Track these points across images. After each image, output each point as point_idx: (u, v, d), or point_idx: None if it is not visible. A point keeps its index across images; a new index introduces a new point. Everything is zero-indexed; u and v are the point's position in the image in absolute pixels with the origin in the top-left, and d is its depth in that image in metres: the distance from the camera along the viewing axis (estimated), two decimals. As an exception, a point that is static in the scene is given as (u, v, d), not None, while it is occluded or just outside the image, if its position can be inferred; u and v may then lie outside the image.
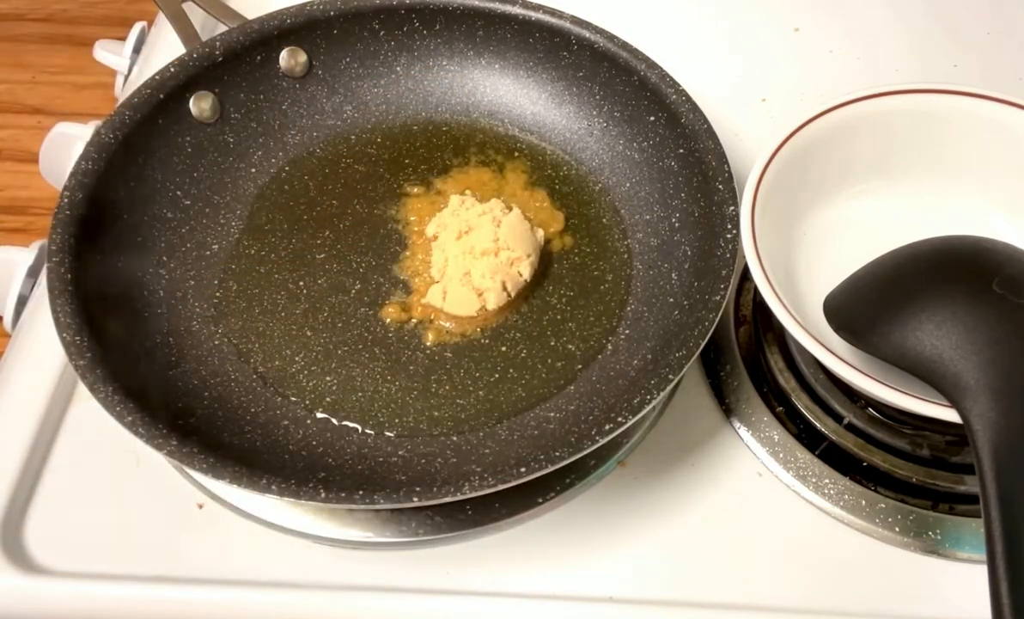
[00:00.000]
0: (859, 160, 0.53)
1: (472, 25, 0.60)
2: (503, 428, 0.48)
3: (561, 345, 0.51)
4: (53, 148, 0.63)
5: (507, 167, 0.59)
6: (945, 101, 0.52)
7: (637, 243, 0.55)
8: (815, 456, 0.48)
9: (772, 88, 0.65)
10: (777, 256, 0.49)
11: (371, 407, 0.49)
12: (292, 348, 0.51)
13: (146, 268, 0.52)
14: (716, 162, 0.51)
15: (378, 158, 0.59)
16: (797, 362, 0.50)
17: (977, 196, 0.53)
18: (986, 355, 0.41)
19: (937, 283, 0.45)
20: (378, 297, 0.53)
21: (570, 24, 0.58)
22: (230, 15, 0.60)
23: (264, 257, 0.55)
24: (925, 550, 0.46)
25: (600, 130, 0.58)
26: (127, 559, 0.46)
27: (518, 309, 0.52)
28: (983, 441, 0.39)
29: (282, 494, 0.40)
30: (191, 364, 0.49)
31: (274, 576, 0.45)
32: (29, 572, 0.45)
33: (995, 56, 0.67)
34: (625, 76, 0.57)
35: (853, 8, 0.71)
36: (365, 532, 0.46)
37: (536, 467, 0.41)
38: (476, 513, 0.46)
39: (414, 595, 0.45)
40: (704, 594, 0.45)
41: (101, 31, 0.81)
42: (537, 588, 0.45)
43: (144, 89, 0.54)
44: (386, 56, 0.61)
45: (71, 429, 0.50)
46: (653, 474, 0.48)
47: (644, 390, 0.43)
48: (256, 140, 0.58)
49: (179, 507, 0.47)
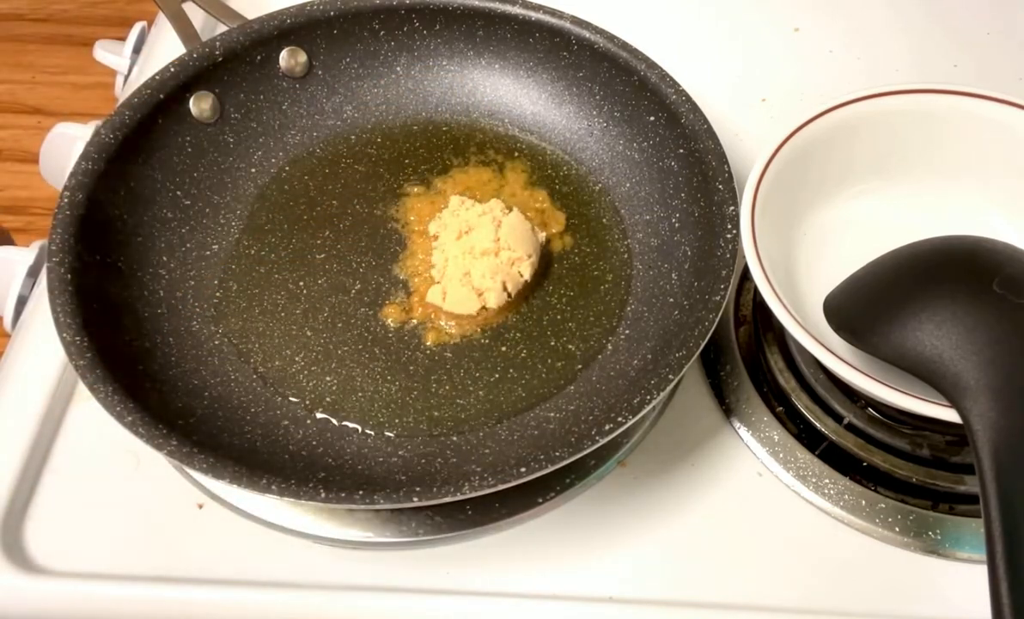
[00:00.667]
0: (859, 160, 0.53)
1: (472, 25, 0.60)
2: (503, 428, 0.48)
3: (561, 345, 0.51)
4: (53, 148, 0.63)
5: (507, 167, 0.59)
6: (945, 101, 0.52)
7: (637, 243, 0.55)
8: (815, 456, 0.48)
9: (772, 88, 0.65)
10: (777, 256, 0.49)
11: (371, 407, 0.49)
12: (292, 348, 0.51)
13: (146, 268, 0.52)
14: (716, 162, 0.51)
15: (378, 158, 0.59)
16: (797, 362, 0.50)
17: (977, 196, 0.53)
18: (986, 355, 0.41)
19: (937, 283, 0.45)
20: (378, 297, 0.53)
21: (570, 24, 0.58)
22: (230, 15, 0.60)
23: (264, 257, 0.55)
24: (925, 550, 0.46)
25: (600, 130, 0.58)
26: (127, 559, 0.46)
27: (518, 309, 0.52)
28: (983, 441, 0.39)
29: (282, 494, 0.40)
30: (191, 364, 0.49)
31: (274, 576, 0.45)
32: (29, 572, 0.45)
33: (995, 56, 0.67)
34: (625, 76, 0.57)
35: (853, 8, 0.71)
36: (365, 532, 0.46)
37: (536, 467, 0.41)
38: (476, 513, 0.46)
39: (414, 595, 0.45)
40: (704, 594, 0.45)
41: (101, 31, 0.81)
42: (537, 588, 0.45)
43: (144, 89, 0.54)
44: (386, 56, 0.61)
45: (71, 429, 0.50)
46: (653, 474, 0.48)
47: (644, 390, 0.43)
48: (256, 140, 0.58)
49: (179, 507, 0.47)
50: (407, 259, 0.55)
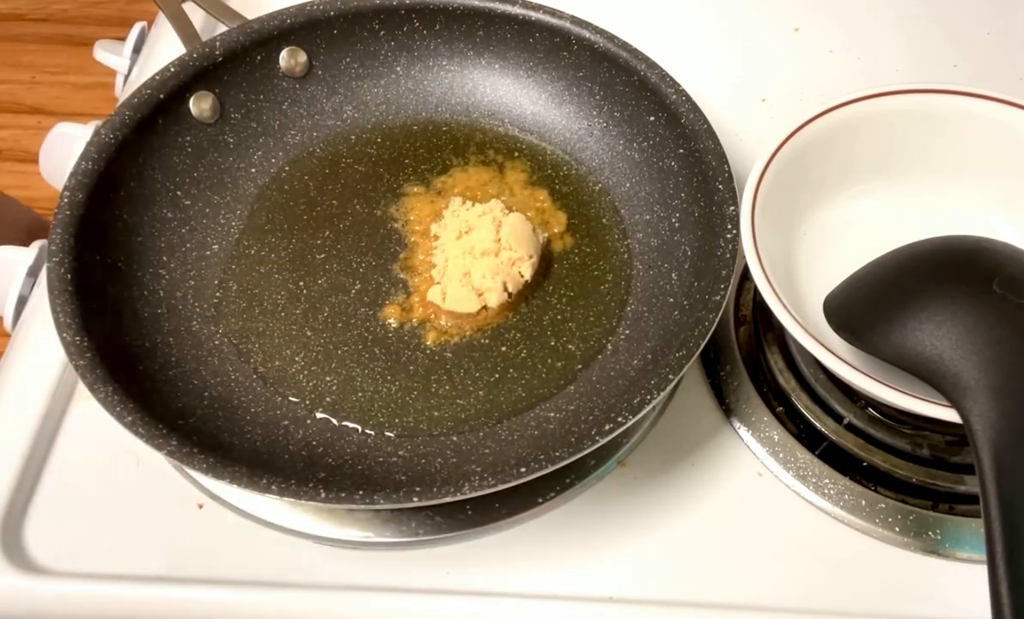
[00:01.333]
0: (859, 160, 0.53)
1: (472, 25, 0.60)
2: (503, 428, 0.48)
3: (561, 345, 0.51)
4: (53, 148, 0.63)
5: (507, 167, 0.59)
6: (945, 101, 0.52)
7: (637, 243, 0.55)
8: (815, 456, 0.48)
9: (772, 88, 0.66)
10: (777, 256, 0.49)
11: (371, 407, 0.49)
12: (292, 348, 0.51)
13: (146, 268, 0.52)
14: (716, 162, 0.51)
15: (378, 158, 0.59)
16: (797, 362, 0.50)
17: (977, 196, 0.53)
18: (986, 355, 0.41)
19: (937, 283, 0.45)
20: (378, 297, 0.53)
21: (570, 24, 0.58)
22: (230, 15, 0.60)
23: (264, 257, 0.55)
24: (925, 550, 0.46)
25: (600, 130, 0.58)
26: (127, 559, 0.46)
27: (518, 309, 0.52)
28: (983, 441, 0.39)
29: (282, 494, 0.40)
30: (191, 364, 0.49)
31: (274, 576, 0.45)
32: (29, 572, 0.45)
33: (995, 56, 0.67)
34: (625, 76, 0.57)
35: (853, 8, 0.71)
36: (365, 532, 0.46)
37: (536, 467, 0.41)
38: (476, 513, 0.46)
39: (414, 595, 0.45)
40: (704, 594, 0.45)
41: (101, 31, 0.81)
42: (537, 588, 0.45)
43: (144, 89, 0.54)
44: (386, 56, 0.61)
45: (71, 429, 0.50)
46: (653, 474, 0.48)
47: (644, 390, 0.43)
48: (256, 140, 0.58)
49: (179, 507, 0.47)
50: (407, 259, 0.55)
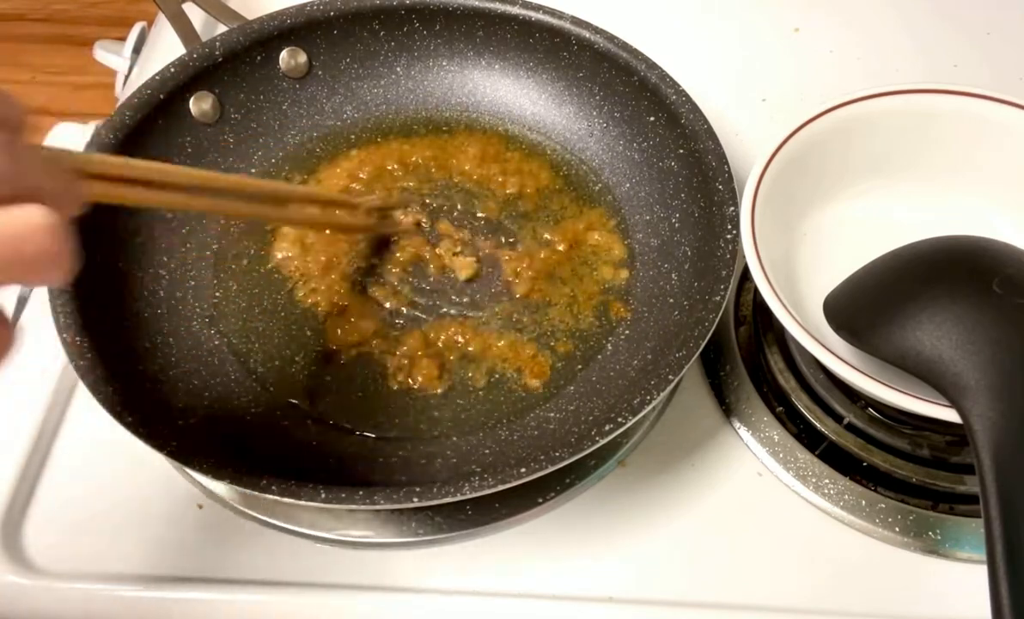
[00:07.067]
0: (859, 160, 0.53)
1: (472, 25, 0.60)
2: (503, 428, 0.48)
3: (561, 345, 0.51)
4: (53, 148, 0.63)
5: (507, 167, 0.59)
6: (945, 101, 0.52)
7: (637, 243, 0.55)
8: (815, 456, 0.48)
9: (772, 88, 0.65)
10: (777, 256, 0.49)
11: (371, 407, 0.49)
12: (292, 348, 0.51)
13: (146, 268, 0.52)
14: (716, 162, 0.51)
15: (378, 158, 0.59)
16: (797, 362, 0.50)
17: (977, 196, 0.53)
18: (986, 355, 0.41)
19: (937, 283, 0.45)
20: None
21: (570, 24, 0.58)
22: (230, 15, 0.60)
23: (264, 257, 0.55)
24: (925, 550, 0.46)
25: (600, 130, 0.58)
26: (127, 559, 0.46)
27: (519, 310, 0.52)
28: (983, 441, 0.39)
29: (282, 494, 0.40)
30: (191, 364, 0.49)
31: (274, 576, 0.45)
32: (29, 572, 0.45)
33: (995, 56, 0.67)
34: (625, 76, 0.57)
35: (853, 8, 0.71)
36: (365, 532, 0.46)
37: (536, 467, 0.41)
38: (476, 513, 0.46)
39: (414, 595, 0.45)
40: (704, 594, 0.45)
41: (101, 31, 0.81)
42: (537, 588, 0.45)
43: (144, 89, 0.54)
44: (386, 56, 0.61)
45: (71, 429, 0.50)
46: (653, 474, 0.48)
47: (644, 390, 0.43)
48: (256, 140, 0.58)
49: (179, 507, 0.47)
50: (407, 259, 0.55)
